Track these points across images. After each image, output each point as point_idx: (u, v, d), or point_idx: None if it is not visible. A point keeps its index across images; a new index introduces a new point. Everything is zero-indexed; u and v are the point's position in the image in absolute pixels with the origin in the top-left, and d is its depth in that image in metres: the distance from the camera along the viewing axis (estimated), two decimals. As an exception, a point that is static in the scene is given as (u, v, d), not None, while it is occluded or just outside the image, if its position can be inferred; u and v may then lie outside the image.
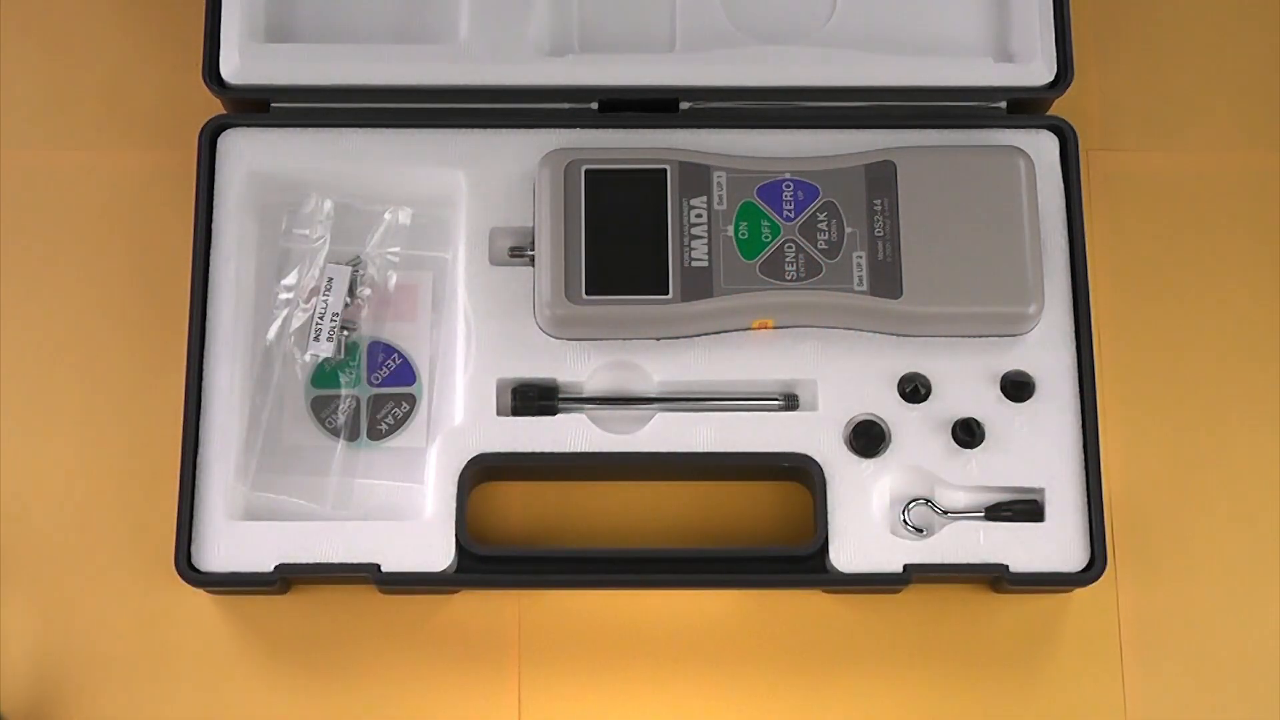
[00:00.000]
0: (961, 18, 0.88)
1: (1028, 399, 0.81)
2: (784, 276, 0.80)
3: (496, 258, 0.83)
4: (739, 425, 0.81)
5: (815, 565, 0.80)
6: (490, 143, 0.84)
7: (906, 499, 0.81)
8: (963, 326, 0.81)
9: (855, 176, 0.81)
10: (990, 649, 0.82)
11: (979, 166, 0.82)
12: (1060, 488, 0.80)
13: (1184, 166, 0.89)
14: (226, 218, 0.83)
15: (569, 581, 0.81)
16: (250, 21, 0.85)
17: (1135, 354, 0.86)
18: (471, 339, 0.82)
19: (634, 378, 0.82)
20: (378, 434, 0.82)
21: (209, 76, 0.84)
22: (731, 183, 0.81)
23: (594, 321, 0.80)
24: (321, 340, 0.81)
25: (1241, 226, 0.88)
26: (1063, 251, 0.83)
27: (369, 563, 0.78)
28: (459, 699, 0.81)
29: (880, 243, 0.80)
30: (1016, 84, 0.85)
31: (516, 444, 0.81)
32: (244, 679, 0.81)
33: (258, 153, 0.84)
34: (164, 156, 0.87)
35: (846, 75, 0.85)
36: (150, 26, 0.90)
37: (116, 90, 0.89)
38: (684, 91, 0.85)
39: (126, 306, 0.86)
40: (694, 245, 0.80)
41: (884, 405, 0.81)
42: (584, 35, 0.87)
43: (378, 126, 0.84)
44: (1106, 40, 0.90)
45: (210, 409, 0.80)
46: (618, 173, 0.81)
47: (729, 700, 0.81)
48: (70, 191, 0.87)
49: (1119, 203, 0.88)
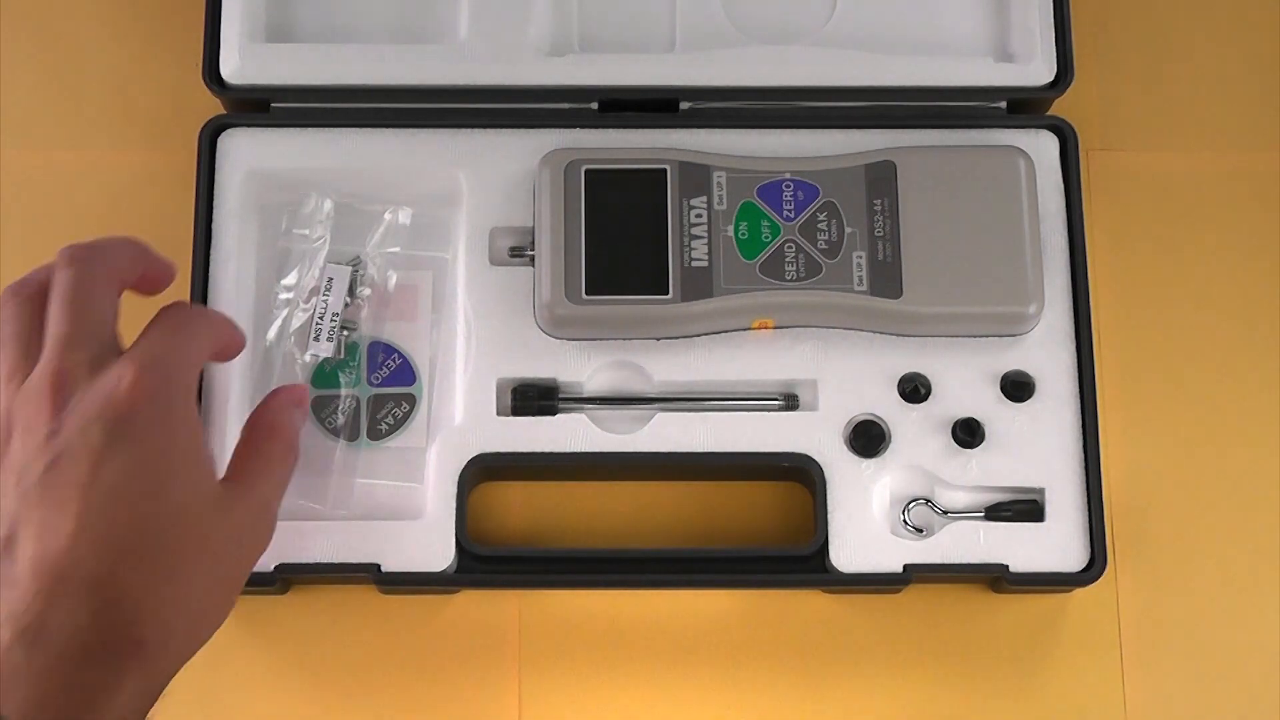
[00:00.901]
0: (961, 18, 0.88)
1: (1028, 399, 0.81)
2: (784, 276, 0.80)
3: (496, 258, 0.83)
4: (739, 425, 0.81)
5: (815, 565, 0.80)
6: (490, 143, 0.84)
7: (906, 499, 0.81)
8: (963, 326, 0.81)
9: (855, 176, 0.81)
10: (990, 649, 0.82)
11: (979, 166, 0.82)
12: (1060, 488, 0.80)
13: (1184, 166, 0.89)
14: (226, 218, 0.83)
15: (569, 581, 0.81)
16: (250, 21, 0.85)
17: (1135, 354, 0.86)
18: (471, 339, 0.82)
19: (634, 378, 0.82)
20: (378, 434, 0.82)
21: (209, 76, 0.84)
22: (731, 183, 0.81)
23: (594, 321, 0.80)
24: (321, 340, 0.81)
25: (1241, 226, 0.88)
26: (1063, 251, 0.83)
27: (369, 563, 0.78)
28: (459, 699, 0.81)
29: (880, 243, 0.80)
30: (1016, 84, 0.85)
31: (516, 444, 0.81)
32: (243, 679, 0.81)
33: (258, 153, 0.84)
34: (164, 156, 0.87)
35: (846, 75, 0.85)
36: (150, 26, 0.90)
37: (116, 90, 0.89)
38: (684, 91, 0.85)
39: (127, 307, 0.85)
40: (694, 245, 0.80)
41: (884, 405, 0.81)
42: (584, 35, 0.87)
43: (378, 126, 0.84)
44: (1106, 40, 0.90)
45: (210, 409, 0.80)
46: (618, 173, 0.81)
47: (729, 700, 0.81)
48: (70, 191, 0.87)
49: (1119, 203, 0.88)
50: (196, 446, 0.64)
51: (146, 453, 0.62)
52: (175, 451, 0.63)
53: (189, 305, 0.69)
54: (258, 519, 0.68)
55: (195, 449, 0.64)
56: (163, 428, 0.62)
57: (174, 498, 0.62)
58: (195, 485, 0.64)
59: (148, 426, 0.62)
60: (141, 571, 0.60)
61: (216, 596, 0.65)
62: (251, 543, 0.67)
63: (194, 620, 0.63)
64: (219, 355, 0.71)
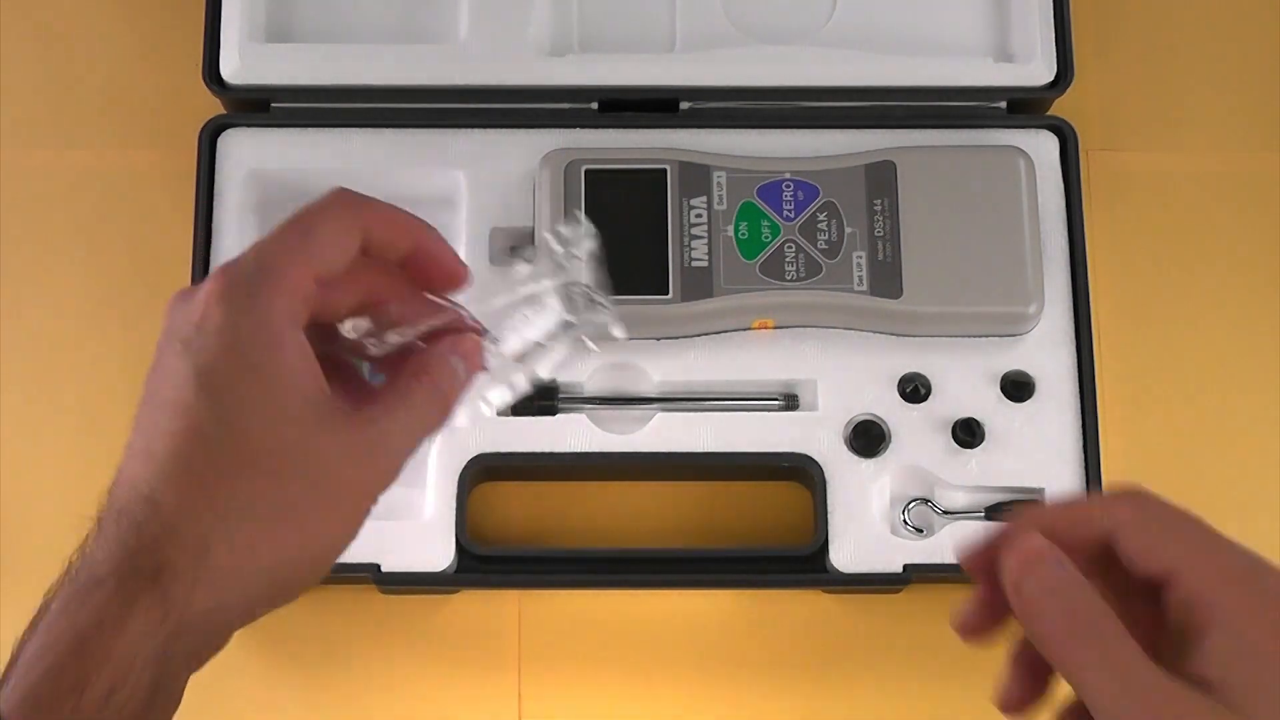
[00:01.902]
0: (961, 18, 0.88)
1: (1028, 399, 0.81)
2: (784, 276, 0.80)
3: (496, 258, 0.83)
4: (739, 425, 0.81)
5: (815, 565, 0.80)
6: (490, 143, 0.84)
7: (906, 499, 0.81)
8: (963, 326, 0.81)
9: (855, 176, 0.81)
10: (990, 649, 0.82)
11: (979, 166, 0.82)
12: (1060, 488, 0.80)
13: (1184, 166, 0.89)
14: (226, 218, 0.83)
15: (569, 581, 0.81)
16: (250, 21, 0.85)
17: (1135, 354, 0.86)
18: (471, 339, 0.82)
19: (634, 378, 0.82)
20: (378, 434, 0.82)
21: (209, 76, 0.84)
22: (731, 183, 0.81)
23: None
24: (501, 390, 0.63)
25: (1241, 226, 0.88)
26: (1063, 251, 0.83)
27: (369, 563, 0.78)
28: (459, 699, 0.81)
29: (880, 243, 0.80)
30: (1016, 84, 0.85)
31: (516, 444, 0.81)
32: (244, 679, 0.81)
33: (258, 153, 0.84)
34: (164, 156, 0.87)
35: (846, 75, 0.85)
36: (150, 26, 0.90)
37: (116, 90, 0.89)
38: (684, 91, 0.85)
39: (126, 307, 0.86)
40: (694, 245, 0.80)
41: (884, 405, 0.81)
42: (584, 35, 0.87)
43: (378, 126, 0.84)
44: (1106, 40, 0.90)
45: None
46: (618, 173, 0.81)
47: (729, 700, 0.81)
48: (70, 191, 0.87)
49: (1119, 203, 0.88)
50: (281, 355, 0.54)
51: (211, 360, 0.54)
52: (246, 358, 0.54)
53: (343, 193, 0.58)
54: (370, 451, 0.56)
55: (279, 357, 0.54)
56: (231, 333, 0.54)
57: (244, 408, 0.54)
58: (277, 396, 0.54)
59: (214, 332, 0.54)
60: (180, 487, 0.53)
61: (294, 528, 0.53)
62: (356, 476, 0.55)
63: (251, 551, 0.53)
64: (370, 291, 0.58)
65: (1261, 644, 0.48)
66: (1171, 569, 0.49)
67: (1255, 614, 0.49)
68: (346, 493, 0.55)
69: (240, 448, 0.53)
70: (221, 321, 0.54)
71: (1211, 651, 0.48)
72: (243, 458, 0.53)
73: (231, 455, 0.53)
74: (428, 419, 0.59)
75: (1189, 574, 0.49)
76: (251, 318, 0.54)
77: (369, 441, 0.56)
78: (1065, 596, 0.50)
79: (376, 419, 0.56)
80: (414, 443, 0.58)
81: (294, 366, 0.55)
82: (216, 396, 0.53)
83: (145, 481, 0.53)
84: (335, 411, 0.55)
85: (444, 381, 0.59)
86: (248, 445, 0.53)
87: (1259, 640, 0.48)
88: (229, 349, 0.54)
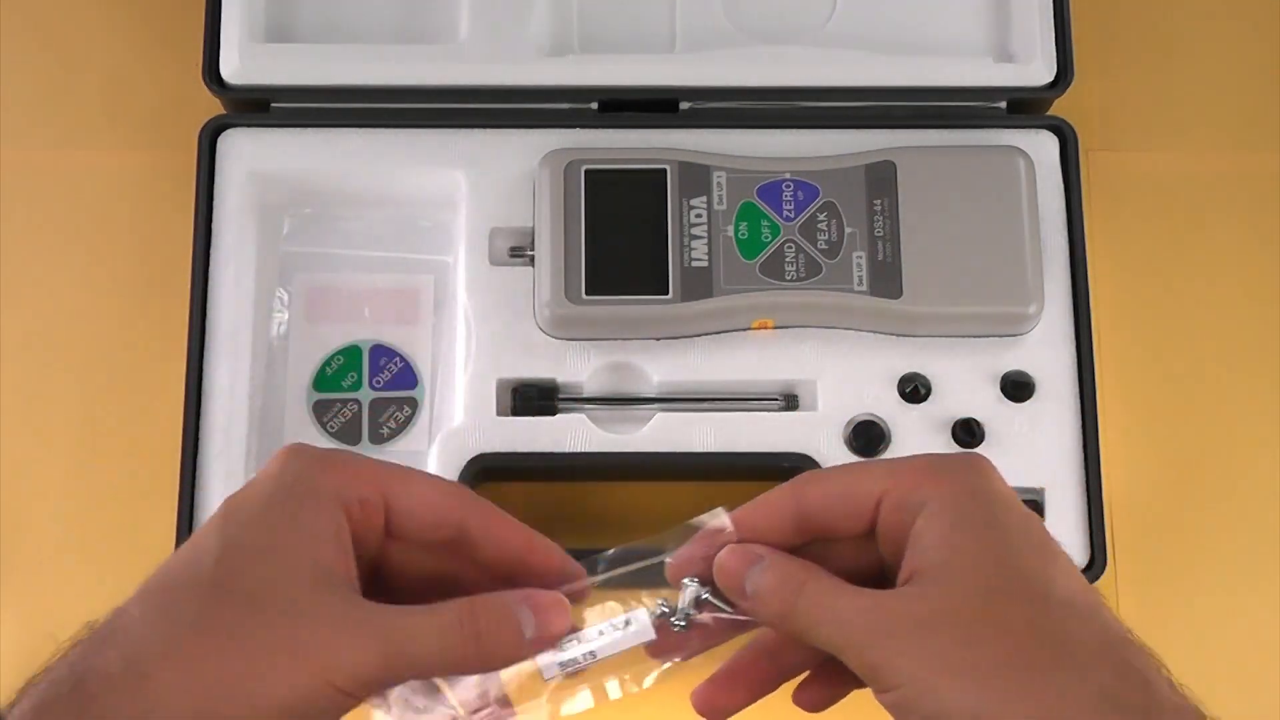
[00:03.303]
0: (961, 18, 0.88)
1: (1028, 399, 0.81)
2: (784, 276, 0.80)
3: (496, 258, 0.83)
4: (739, 425, 0.81)
5: (815, 565, 0.80)
6: (490, 143, 0.84)
7: (906, 499, 0.81)
8: (963, 326, 0.81)
9: (855, 176, 0.81)
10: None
11: (979, 166, 0.82)
12: (1060, 488, 0.80)
13: (1184, 166, 0.89)
14: (226, 218, 0.83)
15: (569, 581, 0.81)
16: (250, 22, 0.85)
17: (1135, 354, 0.86)
18: (471, 339, 0.82)
19: (634, 378, 0.82)
20: (379, 438, 0.82)
21: (209, 77, 0.84)
22: (731, 183, 0.81)
23: (594, 321, 0.80)
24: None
25: (1241, 226, 0.88)
26: (1063, 251, 0.83)
27: (369, 563, 0.78)
28: (459, 699, 0.81)
29: (880, 243, 0.80)
30: (1016, 84, 0.85)
31: (516, 444, 0.80)
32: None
33: (258, 153, 0.84)
34: (164, 156, 0.87)
35: (846, 75, 0.85)
36: (150, 26, 0.90)
37: (116, 90, 0.89)
38: (684, 91, 0.85)
39: (126, 306, 0.86)
40: (694, 245, 0.80)
41: (884, 405, 0.81)
42: (584, 35, 0.87)
43: (378, 126, 0.84)
44: (1106, 40, 0.90)
45: (210, 409, 0.80)
46: (618, 173, 0.81)
47: (729, 700, 0.81)
48: (70, 191, 0.87)
49: (1119, 203, 0.88)
50: (315, 520, 0.53)
51: (226, 526, 0.53)
52: (282, 507, 0.53)
53: (404, 469, 0.57)
54: (361, 625, 0.52)
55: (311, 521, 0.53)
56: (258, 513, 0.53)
57: (250, 541, 0.53)
58: (291, 546, 0.52)
59: (236, 511, 0.54)
60: (144, 596, 0.52)
61: (240, 656, 0.50)
62: (331, 639, 0.51)
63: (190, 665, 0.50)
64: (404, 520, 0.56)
65: (943, 510, 0.53)
66: (876, 494, 0.55)
67: (941, 492, 0.54)
68: (314, 648, 0.51)
69: (222, 577, 0.52)
70: (275, 488, 0.54)
71: (913, 546, 0.53)
72: (220, 583, 0.52)
73: (210, 582, 0.52)
74: (446, 642, 0.53)
75: (886, 498, 0.55)
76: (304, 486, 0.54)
77: (364, 618, 0.52)
78: (775, 570, 0.56)
79: (387, 609, 0.53)
80: (420, 651, 0.53)
81: (321, 532, 0.53)
82: (232, 533, 0.53)
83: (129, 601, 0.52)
84: (344, 583, 0.52)
85: (487, 622, 0.54)
86: (231, 575, 0.52)
87: (941, 508, 0.53)
88: (269, 505, 0.53)
